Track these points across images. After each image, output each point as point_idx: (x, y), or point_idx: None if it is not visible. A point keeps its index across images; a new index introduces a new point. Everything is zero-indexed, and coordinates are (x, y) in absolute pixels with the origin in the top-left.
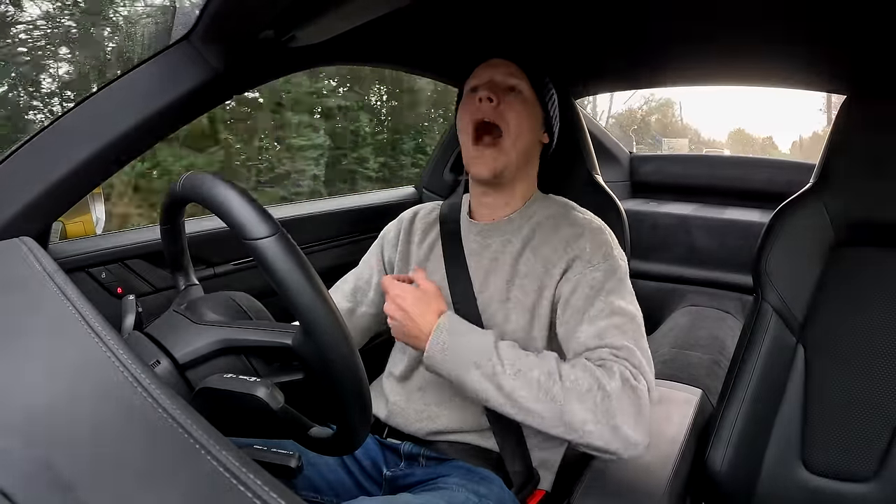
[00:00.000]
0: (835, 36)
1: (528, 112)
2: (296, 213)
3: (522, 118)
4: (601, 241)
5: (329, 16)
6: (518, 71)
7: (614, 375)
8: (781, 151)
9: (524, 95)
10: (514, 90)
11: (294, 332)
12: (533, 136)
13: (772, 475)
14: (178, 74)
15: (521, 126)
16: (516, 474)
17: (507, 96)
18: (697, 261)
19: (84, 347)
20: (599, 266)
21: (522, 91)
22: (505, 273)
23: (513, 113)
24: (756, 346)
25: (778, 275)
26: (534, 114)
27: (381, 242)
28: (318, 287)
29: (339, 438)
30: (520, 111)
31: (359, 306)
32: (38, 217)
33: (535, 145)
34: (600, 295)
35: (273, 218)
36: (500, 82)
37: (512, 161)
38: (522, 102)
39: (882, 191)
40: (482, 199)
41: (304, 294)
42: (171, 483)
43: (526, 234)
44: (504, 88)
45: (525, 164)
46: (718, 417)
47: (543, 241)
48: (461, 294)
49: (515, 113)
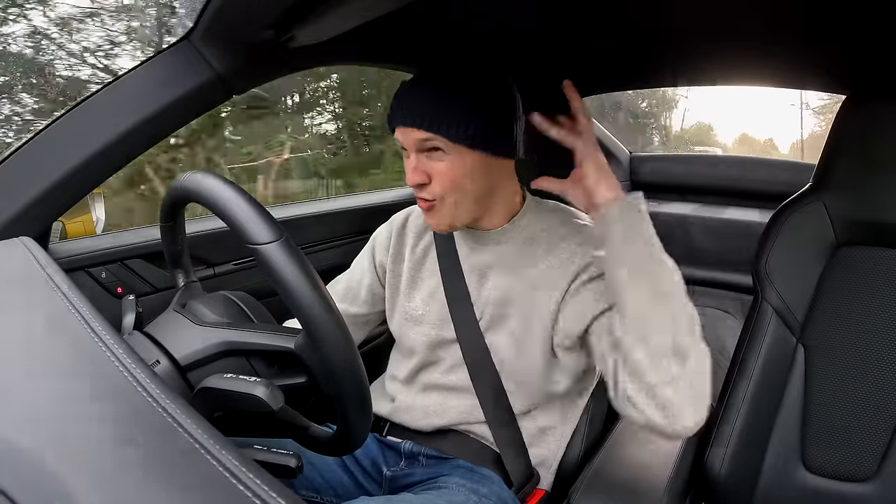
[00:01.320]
0: (835, 36)
1: (459, 168)
2: (295, 213)
3: (455, 180)
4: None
5: (329, 16)
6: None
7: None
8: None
9: (448, 153)
10: (434, 149)
11: (297, 337)
12: (479, 181)
13: (772, 475)
14: (178, 75)
15: (457, 190)
16: (516, 474)
17: (432, 160)
18: (697, 261)
19: (84, 347)
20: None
21: (443, 149)
22: (500, 279)
23: (444, 180)
24: (756, 346)
25: (778, 275)
26: (469, 162)
27: (373, 245)
28: (322, 293)
29: (339, 438)
30: (450, 173)
31: (351, 307)
32: (38, 217)
33: (490, 181)
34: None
35: (277, 222)
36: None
37: (461, 215)
38: (450, 162)
39: (882, 191)
40: None
41: (308, 300)
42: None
43: (522, 242)
44: (426, 152)
45: (487, 200)
46: (718, 418)
47: (541, 251)
48: (457, 299)
49: (446, 179)
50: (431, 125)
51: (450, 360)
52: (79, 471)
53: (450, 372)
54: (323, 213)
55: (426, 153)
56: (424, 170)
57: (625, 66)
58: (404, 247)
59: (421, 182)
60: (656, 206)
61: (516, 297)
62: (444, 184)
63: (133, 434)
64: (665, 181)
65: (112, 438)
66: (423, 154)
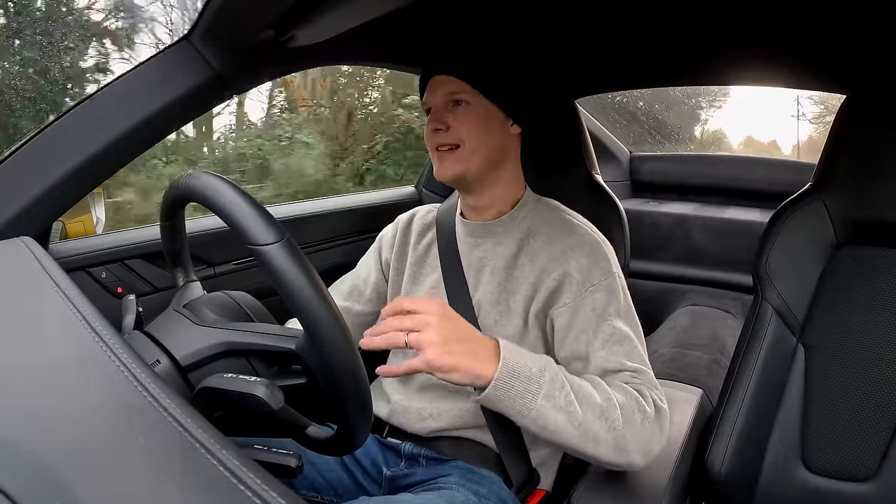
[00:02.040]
0: (835, 36)
1: (480, 120)
2: (295, 212)
3: (474, 128)
4: (598, 256)
5: (329, 16)
6: (459, 83)
7: (648, 400)
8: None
9: (472, 105)
10: (460, 103)
11: (297, 337)
12: (494, 138)
13: (772, 475)
14: (177, 74)
15: (475, 138)
16: (516, 474)
17: (454, 113)
18: (697, 260)
19: (84, 347)
20: (600, 285)
21: (469, 101)
22: (497, 275)
23: (464, 128)
24: (756, 346)
25: (778, 274)
26: (488, 118)
27: (379, 244)
28: (323, 294)
29: (339, 438)
30: (470, 123)
31: (356, 305)
32: (38, 217)
33: (501, 144)
34: (606, 319)
35: (278, 223)
36: (442, 105)
37: (472, 166)
38: (471, 113)
39: (882, 190)
40: (466, 201)
41: (310, 301)
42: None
43: (518, 239)
44: (450, 106)
45: (495, 166)
46: (718, 417)
47: (539, 249)
48: (457, 293)
49: (467, 128)
50: (463, 74)
51: None
52: (79, 470)
53: None
54: (324, 212)
55: (450, 107)
56: (445, 120)
57: (624, 66)
58: (408, 245)
59: (438, 128)
60: (656, 206)
61: (511, 294)
62: (466, 126)
63: (133, 434)
64: (665, 181)
65: (113, 438)
66: (447, 108)
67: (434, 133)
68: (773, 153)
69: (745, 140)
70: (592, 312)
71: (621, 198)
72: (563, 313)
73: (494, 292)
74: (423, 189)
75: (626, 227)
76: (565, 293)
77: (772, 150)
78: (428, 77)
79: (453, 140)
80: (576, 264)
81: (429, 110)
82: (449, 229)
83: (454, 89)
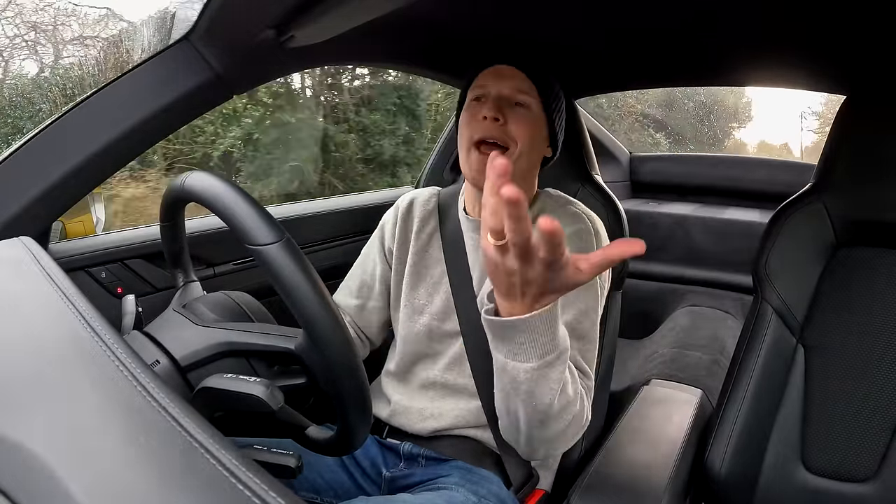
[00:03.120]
0: (835, 36)
1: (535, 128)
2: (295, 212)
3: (528, 136)
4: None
5: (329, 16)
6: (527, 83)
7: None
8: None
9: (532, 111)
10: (521, 105)
11: (297, 338)
12: (537, 151)
13: (772, 475)
14: (177, 74)
15: (526, 144)
16: (515, 474)
17: (513, 111)
18: (697, 261)
19: (84, 347)
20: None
21: (530, 106)
22: None
23: (519, 131)
24: (756, 347)
25: (778, 275)
26: (540, 129)
27: (381, 232)
28: (322, 294)
29: (339, 439)
30: (526, 129)
31: (368, 301)
32: (38, 217)
33: (538, 160)
34: (570, 310)
35: (278, 223)
36: (507, 97)
37: (515, 174)
38: (530, 119)
39: (882, 191)
40: (476, 198)
41: (309, 301)
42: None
43: None
44: (511, 103)
45: (526, 177)
46: (718, 417)
47: None
48: (461, 289)
49: (522, 131)
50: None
51: (449, 354)
52: (79, 470)
53: (449, 368)
54: (324, 212)
55: (511, 105)
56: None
57: (624, 66)
58: (409, 231)
59: (497, 138)
60: (656, 207)
61: None
62: (523, 128)
63: (133, 434)
64: (665, 181)
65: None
66: (506, 104)
67: (484, 123)
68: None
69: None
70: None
71: (621, 198)
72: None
73: None
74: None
75: (625, 228)
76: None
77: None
78: (488, 63)
79: (507, 138)
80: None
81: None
82: (453, 222)
83: (523, 88)
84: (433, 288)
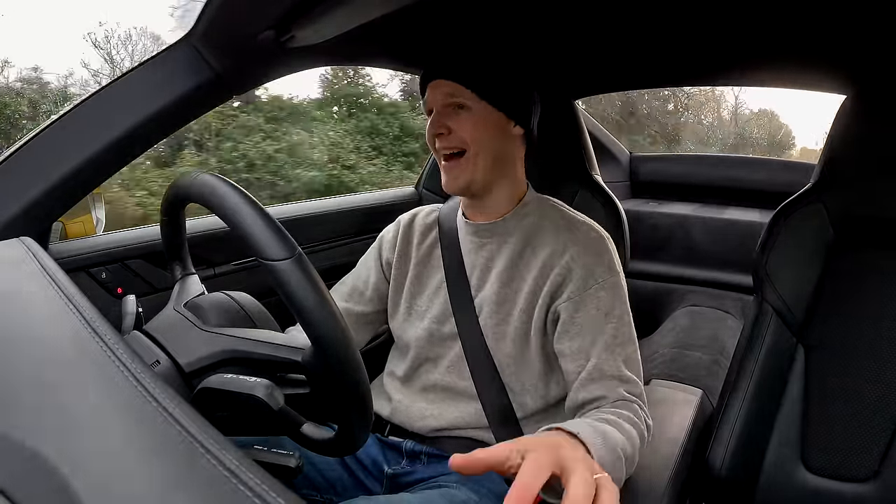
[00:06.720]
0: (835, 36)
1: (480, 123)
2: (295, 212)
3: (475, 132)
4: (602, 252)
5: (329, 16)
6: (458, 87)
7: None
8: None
9: (472, 109)
10: (460, 107)
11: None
12: (497, 141)
13: (772, 475)
14: (178, 75)
15: (477, 141)
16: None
17: (456, 116)
18: (697, 261)
19: (84, 347)
20: (604, 283)
21: (469, 105)
22: (501, 274)
23: (465, 132)
24: (756, 347)
25: (778, 275)
26: (486, 120)
27: (380, 244)
28: (333, 311)
29: (339, 440)
30: (470, 127)
31: (356, 306)
32: (38, 217)
33: (505, 147)
34: (611, 321)
35: (290, 238)
36: (444, 106)
37: (478, 174)
38: (471, 117)
39: (882, 191)
40: (469, 203)
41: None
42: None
43: (523, 237)
44: (451, 109)
45: (500, 169)
46: (718, 417)
47: (542, 244)
48: (459, 294)
49: (467, 130)
50: (463, 79)
51: (449, 357)
52: (79, 470)
53: (449, 371)
54: (324, 212)
55: (451, 110)
56: (446, 123)
57: (624, 66)
58: (411, 245)
59: (440, 132)
60: (656, 207)
61: (515, 293)
62: (466, 132)
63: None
64: (665, 181)
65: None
66: (448, 111)
67: (437, 137)
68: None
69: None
70: (597, 311)
71: (621, 198)
72: (568, 307)
73: (499, 293)
74: (424, 189)
75: (625, 228)
76: (569, 287)
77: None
78: (428, 80)
79: (456, 143)
80: (580, 261)
81: (430, 112)
82: (452, 230)
83: (453, 92)
84: (434, 293)
